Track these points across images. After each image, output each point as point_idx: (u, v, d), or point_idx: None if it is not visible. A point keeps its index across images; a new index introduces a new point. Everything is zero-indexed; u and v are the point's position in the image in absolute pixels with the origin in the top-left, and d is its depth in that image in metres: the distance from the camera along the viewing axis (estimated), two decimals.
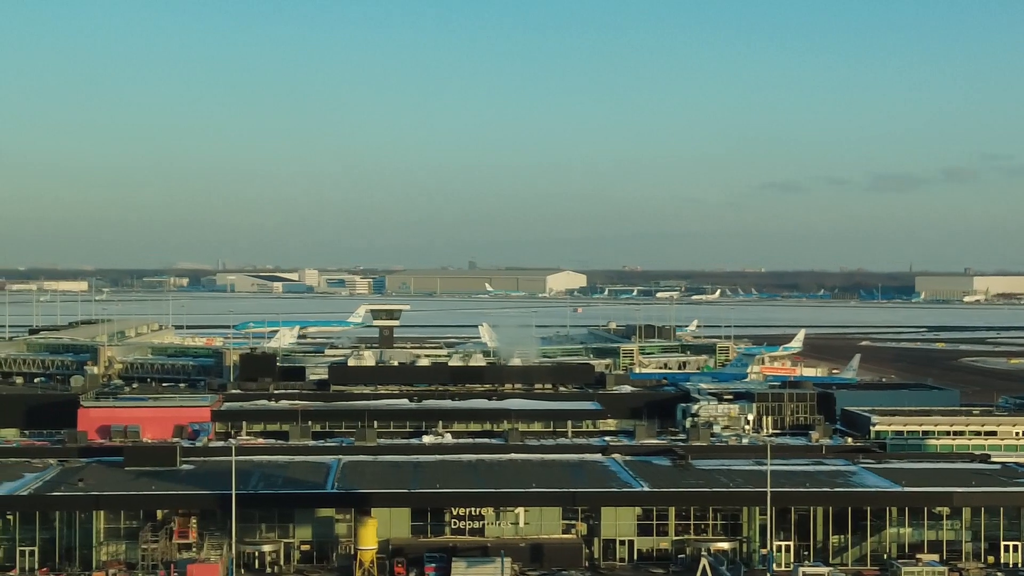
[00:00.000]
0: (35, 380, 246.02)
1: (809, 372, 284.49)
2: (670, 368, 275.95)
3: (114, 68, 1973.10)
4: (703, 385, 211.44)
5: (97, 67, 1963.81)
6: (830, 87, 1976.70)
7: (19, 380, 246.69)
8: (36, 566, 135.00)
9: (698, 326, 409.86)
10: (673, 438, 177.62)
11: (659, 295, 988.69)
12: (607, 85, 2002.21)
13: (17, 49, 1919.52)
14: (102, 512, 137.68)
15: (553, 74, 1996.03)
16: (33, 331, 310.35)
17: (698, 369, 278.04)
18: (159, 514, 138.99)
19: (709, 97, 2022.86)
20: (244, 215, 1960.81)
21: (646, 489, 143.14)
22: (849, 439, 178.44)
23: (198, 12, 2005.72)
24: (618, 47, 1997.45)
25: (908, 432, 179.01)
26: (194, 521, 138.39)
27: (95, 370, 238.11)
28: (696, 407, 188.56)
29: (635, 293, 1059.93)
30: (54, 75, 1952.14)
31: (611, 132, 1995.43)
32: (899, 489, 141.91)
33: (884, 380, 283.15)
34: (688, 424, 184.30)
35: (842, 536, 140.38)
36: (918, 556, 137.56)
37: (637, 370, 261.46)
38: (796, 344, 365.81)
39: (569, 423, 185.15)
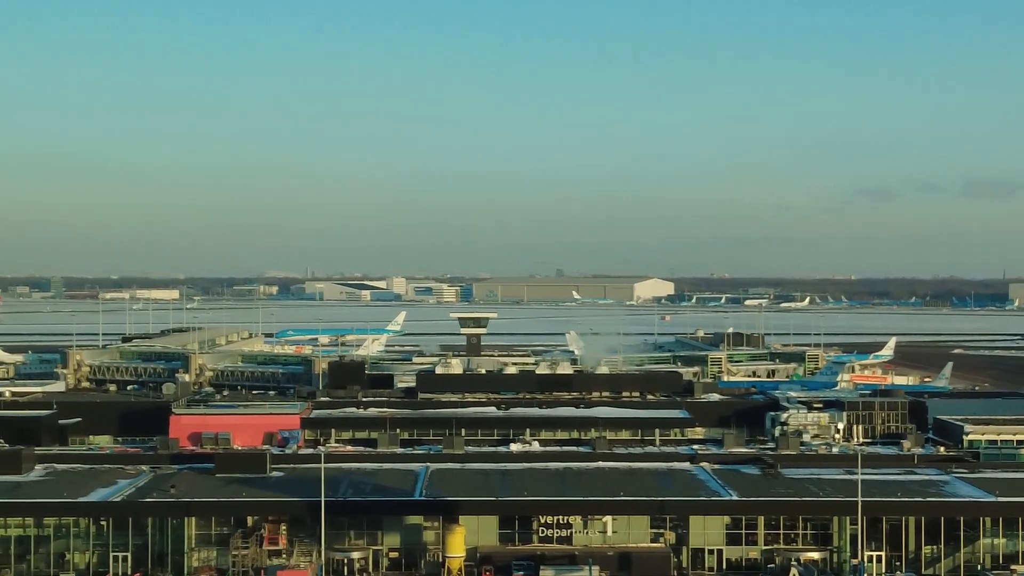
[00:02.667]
0: (128, 388, 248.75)
1: (900, 380, 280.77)
2: (759, 376, 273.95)
3: (206, 78, 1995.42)
4: (792, 393, 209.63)
5: (190, 77, 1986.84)
6: (925, 90, 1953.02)
7: (112, 388, 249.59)
8: (129, 571, 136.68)
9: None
10: (762, 447, 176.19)
11: (747, 303, 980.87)
12: (696, 88, 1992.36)
13: (111, 60, 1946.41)
14: (193, 518, 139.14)
15: (640, 75, 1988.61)
16: (126, 339, 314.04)
17: (787, 377, 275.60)
18: (249, 520, 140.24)
19: (800, 102, 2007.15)
20: (333, 223, 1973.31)
21: (735, 498, 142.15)
22: (941, 448, 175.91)
23: (294, 21, 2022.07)
24: (705, 48, 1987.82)
25: (1002, 441, 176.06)
26: (284, 528, 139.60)
27: (186, 378, 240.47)
28: (785, 415, 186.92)
29: (723, 301, 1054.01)
30: (147, 86, 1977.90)
31: (700, 137, 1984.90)
32: (993, 499, 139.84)
33: (977, 388, 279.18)
34: (777, 433, 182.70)
35: (934, 547, 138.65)
36: (1012, 567, 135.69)
37: (725, 378, 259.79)
38: (887, 352, 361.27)
39: (657, 431, 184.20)
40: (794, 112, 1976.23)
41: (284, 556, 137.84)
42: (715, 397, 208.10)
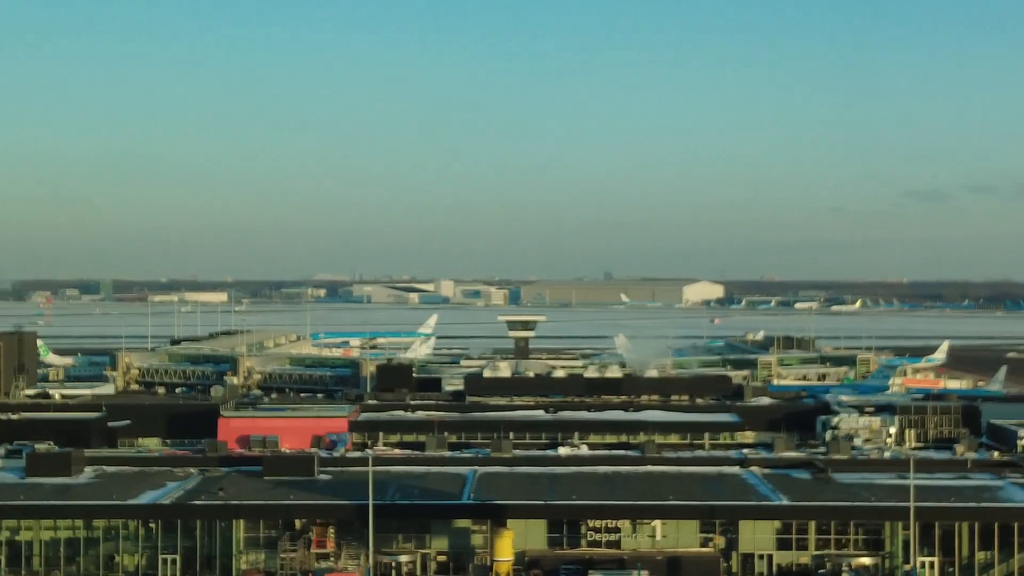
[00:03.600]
0: (176, 390, 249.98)
1: (953, 384, 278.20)
2: (809, 380, 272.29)
3: (256, 82, 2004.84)
4: (843, 397, 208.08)
5: (239, 81, 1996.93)
6: (978, 91, 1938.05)
7: (161, 390, 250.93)
8: (178, 574, 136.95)
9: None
10: (813, 451, 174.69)
11: (798, 306, 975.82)
12: (747, 89, 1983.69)
13: (162, 63, 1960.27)
14: (242, 521, 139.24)
15: (690, 76, 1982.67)
16: (174, 342, 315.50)
17: (838, 381, 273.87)
18: (297, 523, 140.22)
19: (850, 104, 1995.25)
20: (381, 226, 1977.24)
21: (785, 503, 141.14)
22: (995, 453, 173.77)
23: (347, 27, 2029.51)
24: (755, 49, 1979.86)
25: None
26: (332, 531, 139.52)
27: (235, 380, 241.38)
28: (836, 420, 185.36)
29: (773, 304, 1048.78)
30: (199, 90, 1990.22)
31: (751, 139, 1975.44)
32: None
33: None
34: (828, 437, 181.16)
35: (988, 552, 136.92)
36: None
37: (776, 382, 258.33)
38: (939, 356, 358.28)
39: (706, 435, 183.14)
40: (846, 114, 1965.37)
41: (332, 559, 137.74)
42: (765, 401, 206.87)
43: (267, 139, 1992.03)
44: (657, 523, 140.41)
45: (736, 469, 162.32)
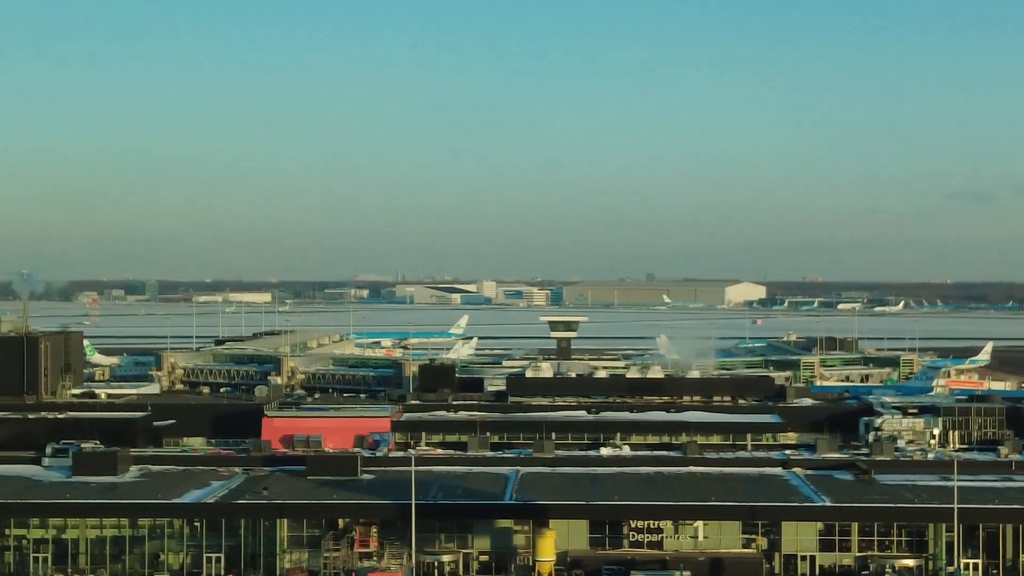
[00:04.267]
0: (221, 390, 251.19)
1: (997, 386, 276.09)
2: (852, 381, 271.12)
3: (301, 85, 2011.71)
4: (887, 398, 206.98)
5: (285, 84, 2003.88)
6: (1021, 90, 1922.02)
7: (205, 390, 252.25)
8: (222, 572, 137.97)
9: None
10: (856, 452, 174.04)
11: (840, 307, 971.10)
12: (788, 90, 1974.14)
13: (210, 67, 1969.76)
14: (285, 520, 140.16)
15: (730, 76, 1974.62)
16: (219, 342, 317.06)
17: (881, 382, 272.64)
18: (341, 523, 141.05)
19: (894, 103, 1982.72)
20: (424, 227, 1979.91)
21: (828, 504, 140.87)
22: None
23: (395, 33, 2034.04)
24: (796, 50, 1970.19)
25: None
26: (375, 530, 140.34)
27: (278, 380, 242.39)
28: (879, 421, 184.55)
29: (816, 305, 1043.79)
30: (243, 92, 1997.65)
31: (793, 139, 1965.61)
32: None
33: None
34: (871, 438, 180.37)
35: None
36: None
37: (818, 383, 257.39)
38: (984, 357, 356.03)
39: (749, 436, 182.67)
40: (889, 114, 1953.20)
41: (375, 558, 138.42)
42: (808, 402, 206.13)
43: (311, 141, 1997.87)
44: (699, 524, 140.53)
45: (778, 470, 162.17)
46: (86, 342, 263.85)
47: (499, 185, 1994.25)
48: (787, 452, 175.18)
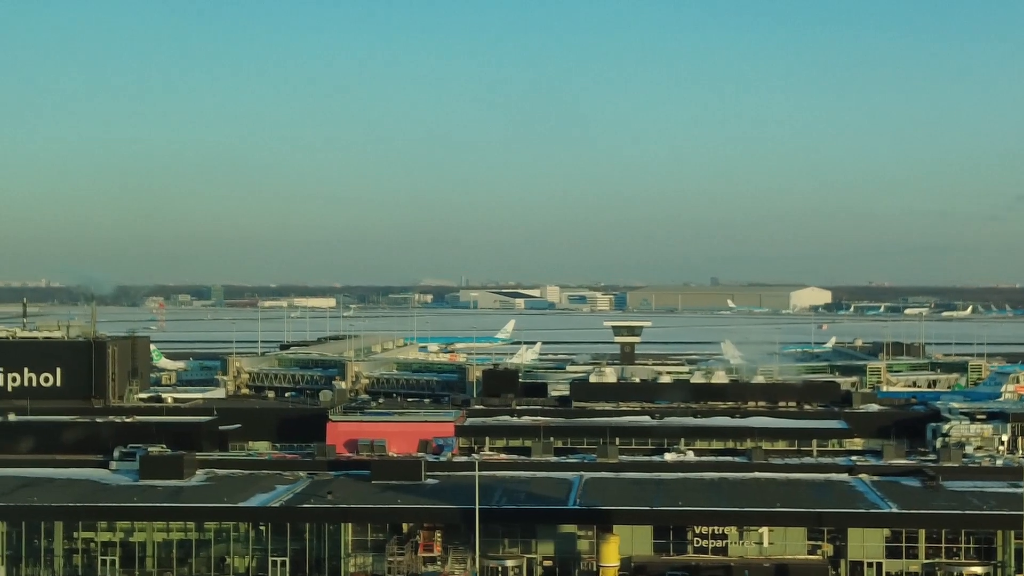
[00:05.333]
0: (286, 394, 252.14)
1: None
2: (919, 386, 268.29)
3: (370, 93, 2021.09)
4: (954, 404, 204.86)
5: (354, 93, 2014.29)
6: None
7: (271, 394, 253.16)
8: None
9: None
10: (923, 458, 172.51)
11: (907, 311, 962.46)
12: (855, 94, 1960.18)
13: (277, 72, 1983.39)
14: (350, 524, 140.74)
15: (797, 80, 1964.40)
16: (284, 347, 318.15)
17: (949, 388, 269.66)
18: (405, 527, 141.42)
19: (964, 106, 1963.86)
20: (487, 232, 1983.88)
21: (895, 510, 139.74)
22: None
23: (454, 35, 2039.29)
24: (864, 53, 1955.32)
25: None
26: (439, 535, 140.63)
27: (343, 385, 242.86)
28: (947, 427, 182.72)
29: (882, 309, 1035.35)
30: (313, 99, 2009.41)
31: (856, 141, 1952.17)
32: None
33: None
34: (938, 444, 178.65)
35: None
36: None
37: (884, 388, 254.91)
38: None
39: (814, 442, 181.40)
40: (957, 117, 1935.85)
41: (439, 563, 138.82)
42: (874, 408, 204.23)
43: (377, 147, 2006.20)
44: (764, 530, 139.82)
45: (844, 476, 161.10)
46: (153, 347, 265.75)
47: (563, 189, 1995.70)
48: (853, 458, 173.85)
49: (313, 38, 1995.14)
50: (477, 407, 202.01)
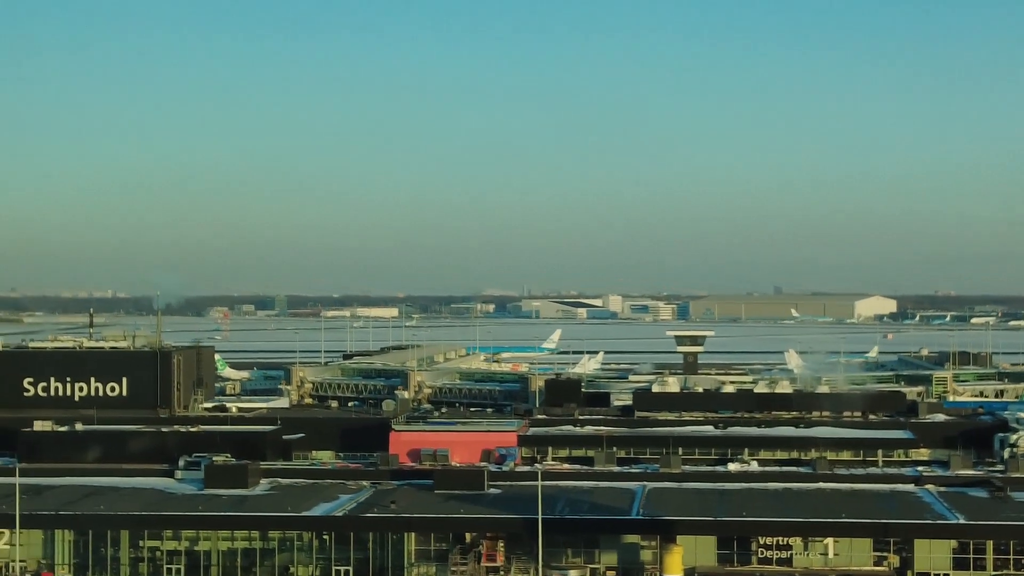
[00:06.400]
0: (349, 404, 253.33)
1: None
2: (986, 396, 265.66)
3: (429, 103, 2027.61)
4: (1022, 414, 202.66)
5: (414, 103, 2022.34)
6: None
7: (334, 404, 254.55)
8: None
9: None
10: (990, 469, 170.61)
11: (974, 321, 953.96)
12: (919, 97, 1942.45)
13: (340, 87, 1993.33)
14: (413, 534, 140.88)
15: (860, 83, 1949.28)
16: (347, 356, 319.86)
17: (1016, 398, 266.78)
18: (468, 537, 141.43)
19: None
20: (550, 241, 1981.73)
21: (962, 521, 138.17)
22: None
23: (511, 42, 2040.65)
24: (932, 55, 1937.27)
25: None
26: (501, 545, 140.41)
27: (405, 394, 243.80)
28: (1015, 437, 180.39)
29: (948, 319, 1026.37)
30: (372, 111, 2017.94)
31: (926, 149, 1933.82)
32: None
33: None
34: (1006, 455, 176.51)
35: None
36: None
37: (951, 398, 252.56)
38: None
39: (880, 452, 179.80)
40: None
41: (502, 573, 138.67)
42: (940, 418, 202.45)
43: (438, 157, 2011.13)
44: (829, 541, 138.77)
45: (911, 487, 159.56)
46: (217, 356, 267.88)
47: (625, 199, 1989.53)
48: (919, 468, 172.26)
49: (369, 46, 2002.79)
50: (540, 417, 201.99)
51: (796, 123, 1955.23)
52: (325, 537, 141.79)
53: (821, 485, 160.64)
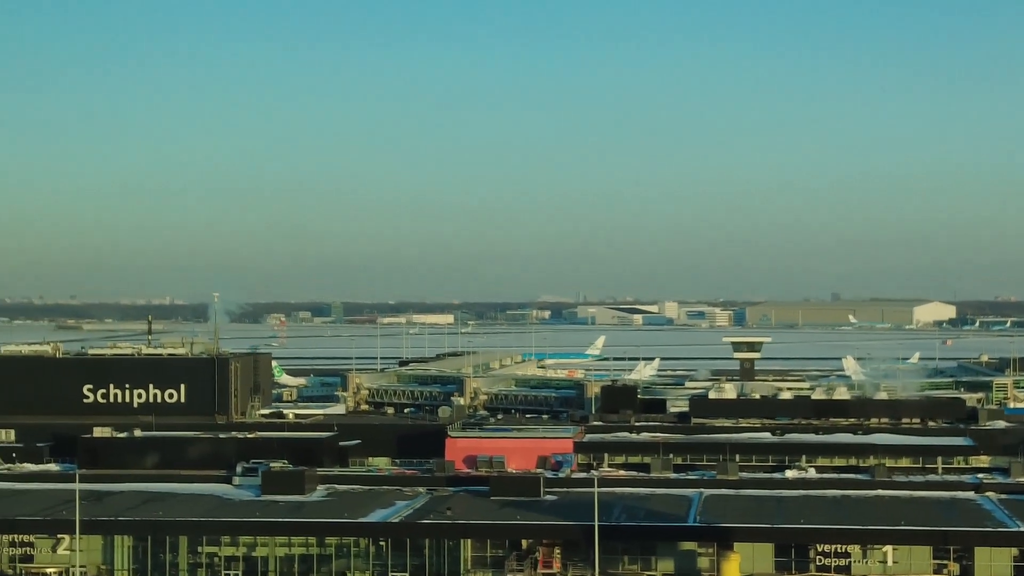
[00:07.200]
0: (405, 410, 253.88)
1: None
2: None
3: (481, 110, 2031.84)
4: None
5: (464, 109, 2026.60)
6: None
7: (390, 410, 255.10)
8: None
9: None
10: None
11: None
12: (974, 97, 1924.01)
13: (391, 93, 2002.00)
14: (469, 540, 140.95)
15: (911, 88, 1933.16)
16: (403, 363, 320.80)
17: None
18: (524, 543, 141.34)
19: None
20: (605, 248, 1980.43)
21: (1023, 529, 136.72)
22: None
23: (567, 50, 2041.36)
24: (986, 55, 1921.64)
25: None
26: (558, 551, 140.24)
27: (461, 401, 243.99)
28: None
29: (1008, 324, 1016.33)
30: (427, 119, 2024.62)
31: (985, 152, 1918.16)
32: None
33: None
34: None
35: None
36: None
37: (1012, 405, 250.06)
38: None
39: (939, 459, 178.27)
40: None
41: None
42: (1001, 424, 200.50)
43: (493, 166, 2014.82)
44: (888, 548, 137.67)
45: (971, 494, 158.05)
46: (274, 363, 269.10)
47: (681, 204, 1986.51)
48: (979, 476, 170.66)
49: (421, 52, 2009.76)
50: (596, 423, 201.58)
51: (855, 126, 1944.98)
52: (382, 543, 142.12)
53: (880, 492, 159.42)
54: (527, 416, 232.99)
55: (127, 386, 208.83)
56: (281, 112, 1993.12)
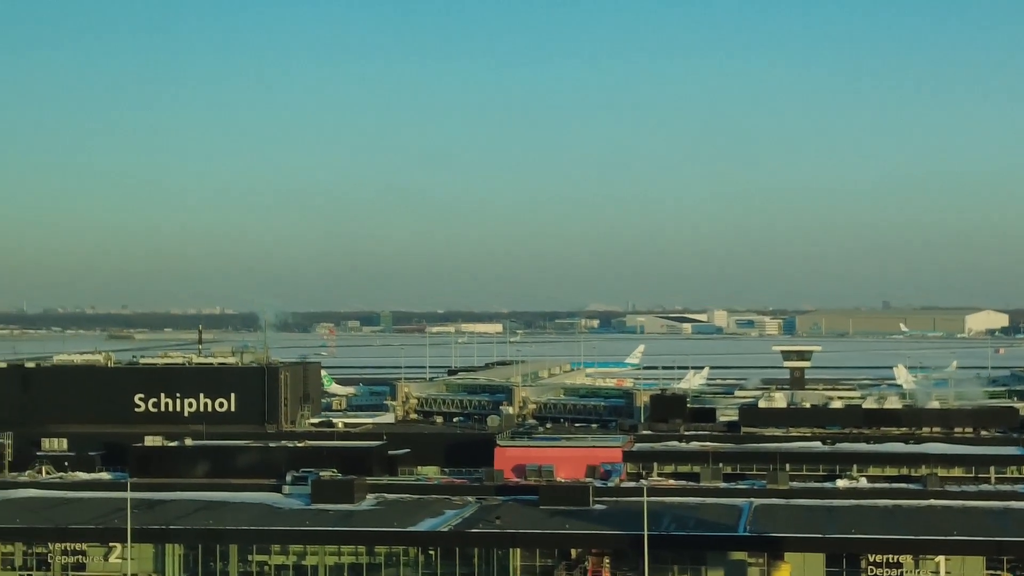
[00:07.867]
0: (454, 419, 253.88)
1: None
2: None
3: (531, 117, 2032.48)
4: None
5: (512, 116, 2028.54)
6: None
7: (439, 419, 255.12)
8: None
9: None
10: None
11: None
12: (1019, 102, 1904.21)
13: (434, 101, 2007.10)
14: (518, 550, 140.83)
15: (965, 86, 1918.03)
16: (451, 372, 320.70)
17: None
18: (573, 553, 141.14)
19: None
20: (654, 256, 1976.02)
21: None
22: None
23: (612, 54, 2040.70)
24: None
25: None
26: (607, 560, 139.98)
27: (510, 410, 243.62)
28: None
29: None
30: (474, 127, 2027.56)
31: None
32: None
33: None
34: None
35: None
36: None
37: None
38: None
39: (992, 469, 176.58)
40: None
41: None
42: None
43: (542, 174, 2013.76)
44: (941, 559, 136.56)
45: None
46: (324, 372, 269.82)
47: (730, 213, 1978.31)
48: None
49: (468, 62, 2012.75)
50: (645, 432, 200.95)
51: (904, 131, 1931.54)
52: (431, 552, 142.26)
53: (932, 502, 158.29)
54: (576, 425, 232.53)
55: (178, 395, 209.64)
56: (332, 122, 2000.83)
